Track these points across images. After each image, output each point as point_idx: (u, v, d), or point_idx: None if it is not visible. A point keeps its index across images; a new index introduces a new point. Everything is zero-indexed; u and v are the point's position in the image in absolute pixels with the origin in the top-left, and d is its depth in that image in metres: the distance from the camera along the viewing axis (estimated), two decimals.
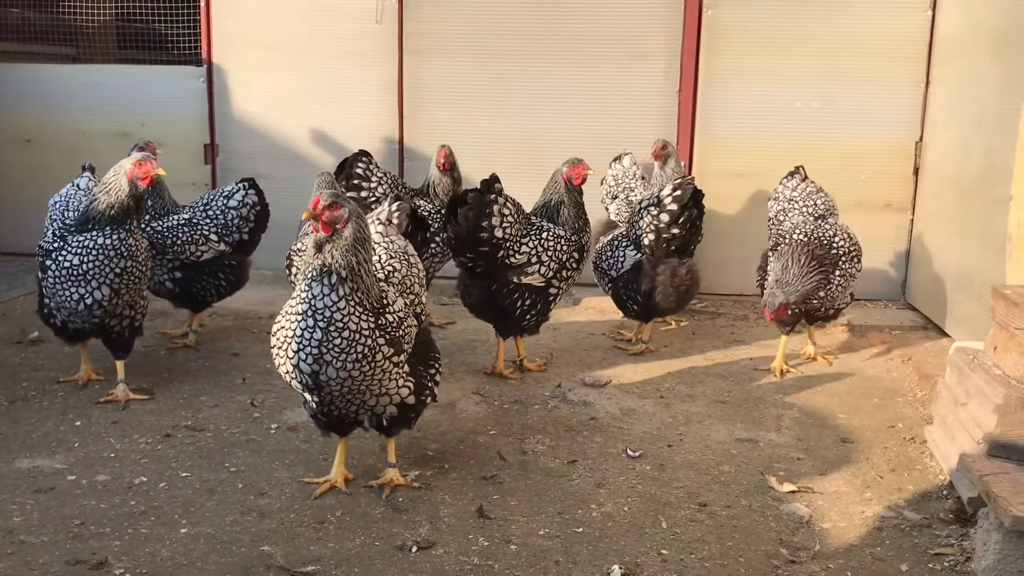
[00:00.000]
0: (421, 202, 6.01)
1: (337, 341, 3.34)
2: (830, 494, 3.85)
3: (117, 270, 4.44)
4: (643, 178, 6.36)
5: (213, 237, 5.45)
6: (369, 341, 3.39)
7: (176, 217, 5.43)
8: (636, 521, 3.59)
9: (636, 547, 3.39)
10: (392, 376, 3.56)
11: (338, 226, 3.39)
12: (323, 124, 7.38)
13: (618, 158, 6.38)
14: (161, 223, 5.39)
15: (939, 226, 6.29)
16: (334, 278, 3.35)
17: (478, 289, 5.06)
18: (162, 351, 5.52)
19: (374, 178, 5.99)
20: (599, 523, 3.57)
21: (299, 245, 4.87)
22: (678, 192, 5.39)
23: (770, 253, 5.47)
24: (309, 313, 3.34)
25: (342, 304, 3.34)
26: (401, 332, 3.57)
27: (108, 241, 4.41)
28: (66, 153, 7.51)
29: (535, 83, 7.07)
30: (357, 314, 3.37)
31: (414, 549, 3.33)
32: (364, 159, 6.02)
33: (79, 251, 4.39)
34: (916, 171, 6.77)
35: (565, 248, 5.07)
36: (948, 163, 6.19)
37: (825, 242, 5.23)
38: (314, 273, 3.36)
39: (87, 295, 4.43)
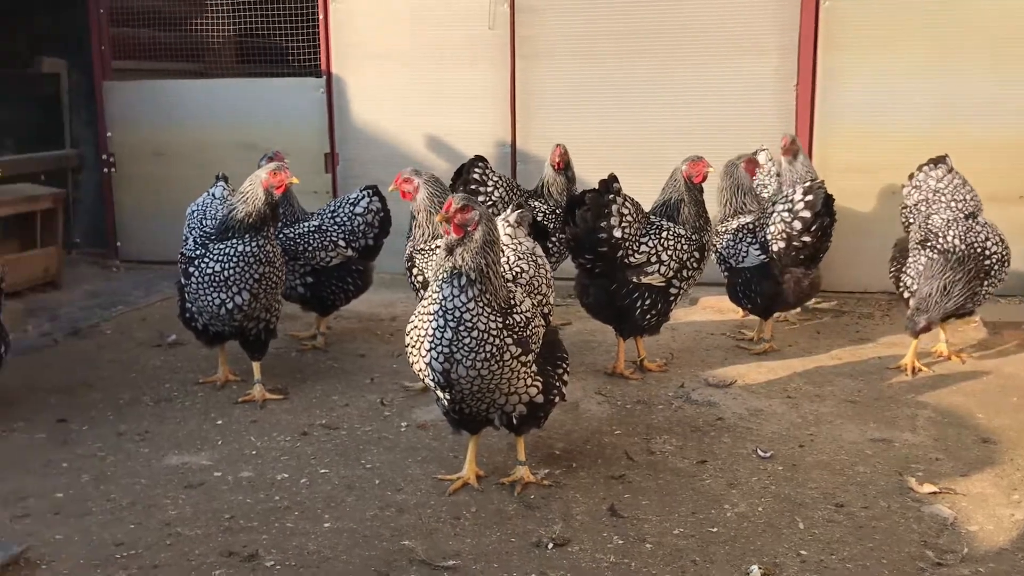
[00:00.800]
0: (536, 203, 6.07)
1: (467, 340, 3.41)
2: (974, 496, 3.72)
3: (256, 276, 4.63)
4: (777, 175, 6.26)
5: (341, 243, 5.62)
6: (497, 341, 3.45)
7: (306, 224, 5.63)
8: (771, 521, 3.54)
9: (774, 547, 3.35)
10: (520, 375, 3.61)
11: (469, 228, 3.46)
12: (437, 130, 7.52)
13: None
14: (292, 230, 5.59)
15: None
16: (463, 280, 3.42)
17: (597, 289, 5.07)
18: (292, 353, 5.72)
19: (490, 182, 6.08)
20: (734, 523, 3.54)
21: (420, 246, 4.96)
22: (810, 198, 5.25)
23: (920, 250, 5.19)
24: (440, 313, 3.43)
25: (471, 305, 3.41)
26: (528, 332, 3.61)
27: (248, 248, 4.60)
28: (194, 165, 7.85)
29: (647, 82, 7.04)
30: (486, 315, 3.43)
31: (550, 546, 3.36)
32: (480, 164, 6.11)
33: (220, 258, 4.59)
34: None
35: (686, 247, 5.04)
36: None
37: (979, 249, 5.03)
38: (445, 275, 3.44)
39: (228, 300, 4.63)
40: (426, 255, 4.78)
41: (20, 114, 7.85)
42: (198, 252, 4.70)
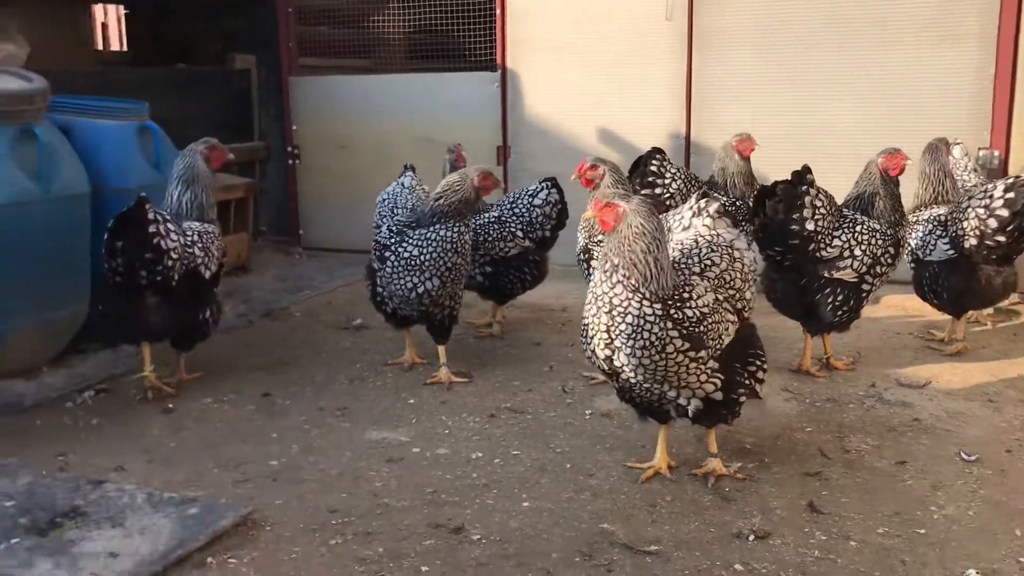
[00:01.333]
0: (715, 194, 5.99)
1: (623, 327, 3.47)
2: None
3: (449, 264, 4.80)
4: (975, 170, 5.95)
5: (519, 234, 5.72)
6: (656, 331, 3.46)
7: (487, 215, 5.77)
8: (984, 527, 3.40)
9: (989, 553, 3.22)
10: (691, 371, 3.58)
11: (616, 222, 3.53)
12: (609, 123, 7.54)
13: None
14: (473, 221, 5.74)
15: None
16: (608, 265, 3.52)
17: (785, 284, 4.98)
18: (470, 339, 5.87)
19: (668, 174, 6.04)
20: (942, 526, 3.42)
21: (598, 237, 4.99)
22: (1011, 195, 4.98)
23: None
24: (593, 299, 3.56)
25: (619, 290, 3.48)
26: (703, 328, 3.57)
27: (448, 234, 4.77)
28: (373, 157, 8.16)
29: (829, 72, 6.84)
30: (638, 301, 3.45)
31: (751, 538, 3.34)
32: (658, 156, 6.08)
33: (419, 243, 4.78)
34: None
35: (880, 242, 4.88)
36: None
37: None
38: (599, 264, 3.57)
39: (419, 284, 4.81)
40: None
41: (216, 108, 8.36)
42: (393, 240, 4.89)
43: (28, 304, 4.90)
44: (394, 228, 4.98)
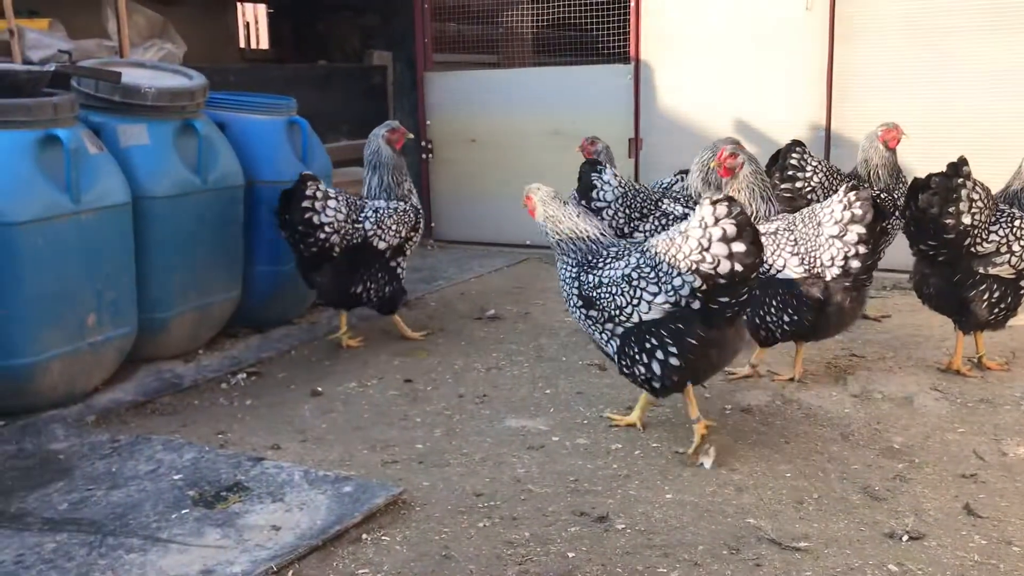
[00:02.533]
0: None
1: None
2: None
3: None
4: None
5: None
6: None
7: None
8: None
9: None
10: None
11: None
12: (745, 116, 7.42)
13: None
14: None
15: None
16: None
17: (938, 279, 4.79)
18: None
19: (808, 167, 5.89)
20: None
21: None
22: None
23: None
24: None
25: None
26: None
27: None
28: (504, 150, 8.27)
29: (981, 61, 6.53)
30: None
31: (904, 538, 3.25)
32: (798, 149, 5.93)
33: None
34: None
35: None
36: None
37: None
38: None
39: None
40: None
41: (353, 103, 8.63)
42: None
43: (188, 291, 5.19)
44: None
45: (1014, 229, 4.64)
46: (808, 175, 5.86)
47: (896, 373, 4.92)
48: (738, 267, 3.63)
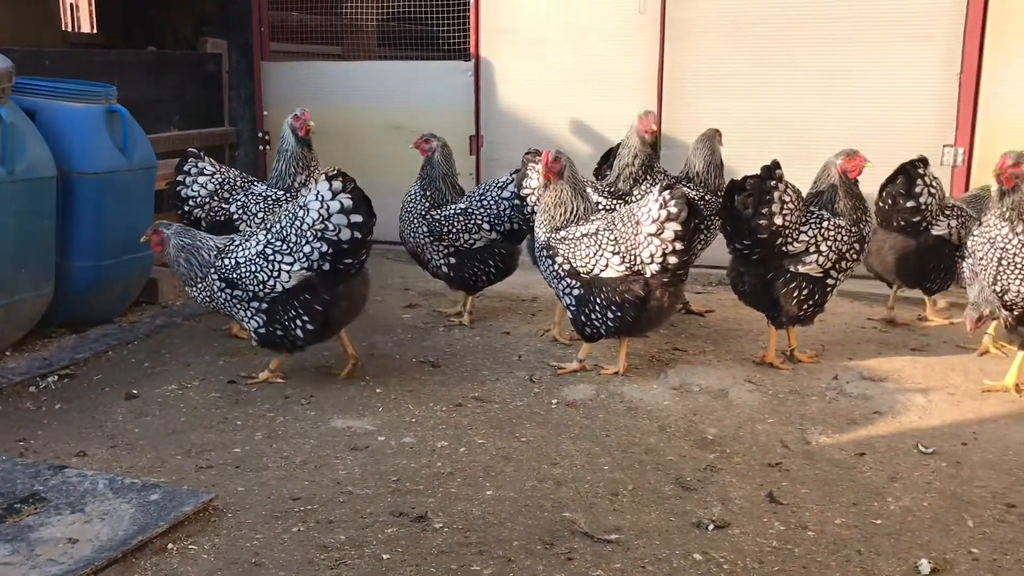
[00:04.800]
0: (687, 187, 5.99)
1: None
2: None
3: None
4: None
5: (485, 226, 5.72)
6: None
7: (453, 207, 5.76)
8: (938, 517, 3.47)
9: (942, 543, 3.28)
10: None
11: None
12: (582, 114, 7.55)
13: None
14: (439, 211, 5.76)
15: None
16: None
17: (752, 277, 5.02)
18: (440, 328, 5.87)
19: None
20: (898, 517, 3.48)
21: (562, 233, 4.96)
22: None
23: None
24: None
25: None
26: None
27: None
28: (345, 143, 8.11)
29: (800, 69, 6.89)
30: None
31: (711, 527, 3.38)
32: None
33: None
34: None
35: (846, 238, 4.94)
36: None
37: None
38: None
39: None
40: (572, 243, 4.77)
41: (185, 92, 8.28)
42: None
43: None
44: None
45: (822, 230, 4.91)
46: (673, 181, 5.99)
47: (715, 366, 5.13)
48: (357, 234, 4.37)
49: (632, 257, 4.57)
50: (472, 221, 5.72)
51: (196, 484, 3.64)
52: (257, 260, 4.51)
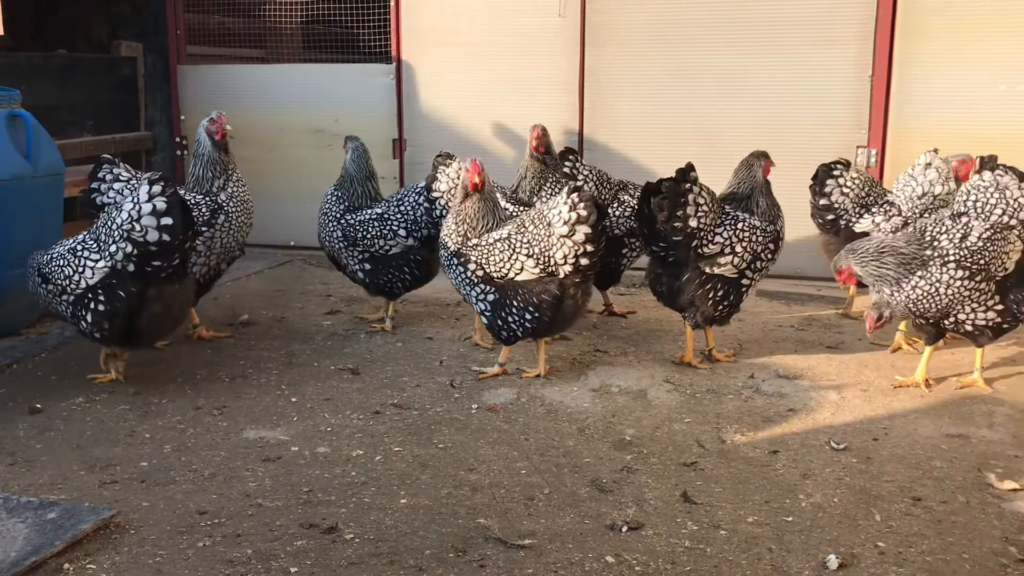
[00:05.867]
0: (627, 197, 5.99)
1: None
2: None
3: None
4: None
5: (402, 232, 5.65)
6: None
7: (370, 211, 5.69)
8: (847, 513, 3.52)
9: (850, 538, 3.33)
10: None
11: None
12: (505, 118, 7.55)
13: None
14: (355, 216, 5.68)
15: None
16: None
17: (669, 278, 5.06)
18: (362, 335, 5.79)
19: (580, 176, 6.01)
20: (809, 513, 3.52)
21: (473, 240, 4.94)
22: None
23: None
24: None
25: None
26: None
27: None
28: (266, 148, 7.99)
29: (718, 72, 6.99)
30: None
31: (624, 529, 3.38)
32: (571, 157, 6.05)
33: None
34: None
35: (760, 239, 5.01)
36: None
37: None
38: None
39: None
40: (484, 249, 4.73)
41: (99, 96, 8.05)
42: None
43: None
44: None
45: (737, 231, 4.97)
46: (579, 183, 5.99)
47: (635, 367, 5.15)
48: (165, 236, 4.42)
49: (546, 259, 4.57)
50: (388, 227, 5.65)
51: (98, 501, 3.51)
52: (66, 255, 4.59)
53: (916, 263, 4.54)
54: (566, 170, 5.95)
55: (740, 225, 4.99)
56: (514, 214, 5.26)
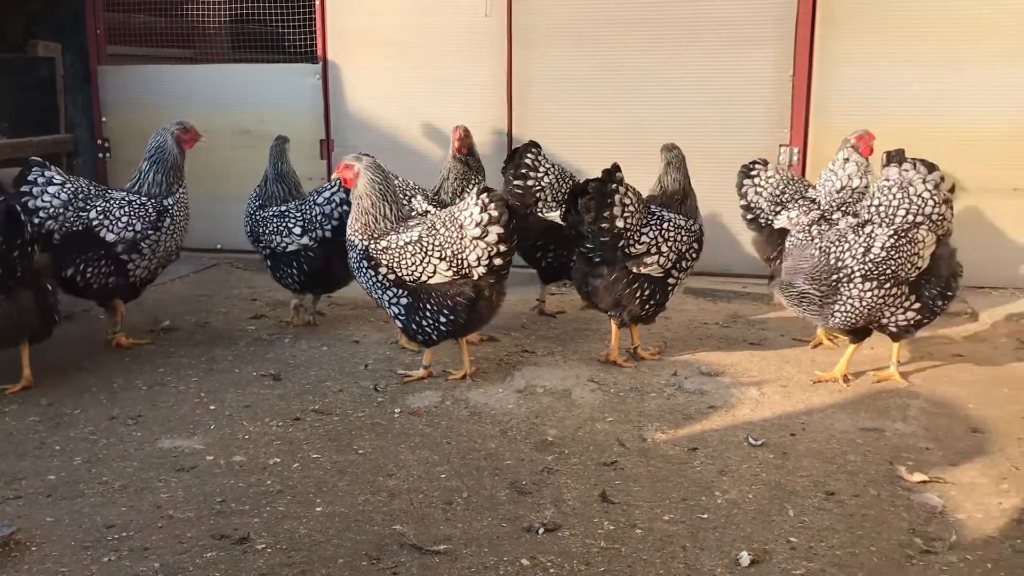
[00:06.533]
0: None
1: None
2: (963, 485, 3.74)
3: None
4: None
5: (297, 230, 5.66)
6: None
7: (276, 208, 5.79)
8: (762, 509, 3.56)
9: (763, 534, 3.37)
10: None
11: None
12: (433, 118, 7.51)
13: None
14: (262, 212, 5.83)
15: None
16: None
17: (596, 279, 5.07)
18: (286, 339, 5.71)
19: (541, 168, 6.02)
20: (724, 510, 3.55)
21: (381, 243, 4.89)
22: None
23: None
24: None
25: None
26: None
27: None
28: (191, 150, 7.80)
29: (645, 72, 7.04)
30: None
31: (541, 531, 3.37)
32: (533, 150, 6.06)
33: None
34: None
35: (685, 239, 5.05)
36: None
37: None
38: None
39: None
40: (395, 252, 4.65)
41: (16, 98, 7.81)
42: None
43: None
44: None
45: (663, 231, 5.00)
46: (540, 175, 6.00)
47: (561, 367, 5.15)
48: None
49: (459, 261, 4.55)
50: (284, 224, 5.67)
51: (1, 517, 3.40)
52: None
53: (830, 292, 4.63)
54: (528, 162, 5.96)
55: (666, 225, 5.02)
56: (422, 212, 5.27)
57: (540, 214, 5.87)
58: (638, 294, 5.04)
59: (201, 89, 7.97)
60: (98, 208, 5.25)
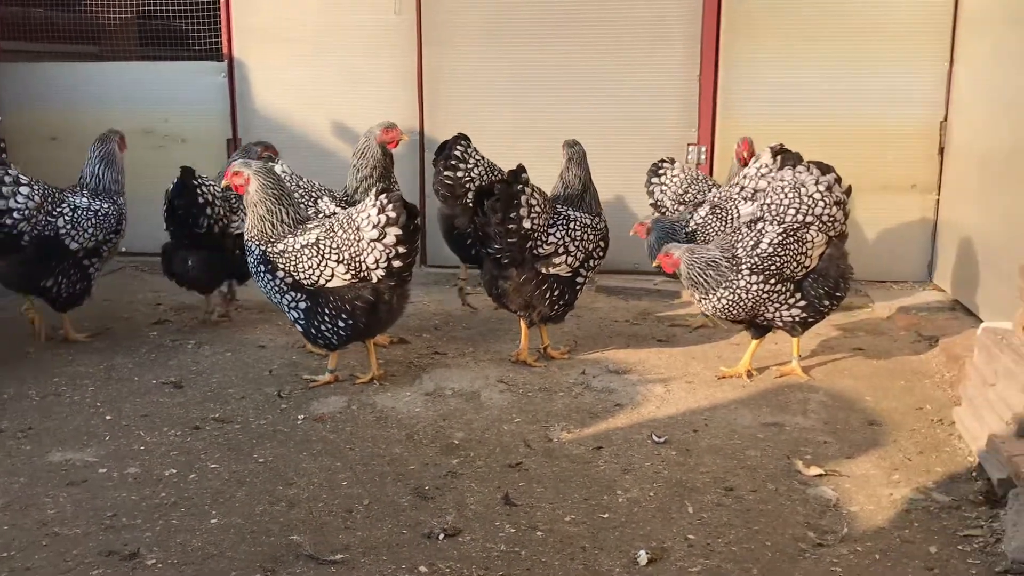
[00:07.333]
0: None
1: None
2: (857, 477, 3.83)
3: None
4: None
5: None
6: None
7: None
8: (662, 506, 3.59)
9: (662, 532, 3.40)
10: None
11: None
12: (344, 116, 7.40)
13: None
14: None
15: (965, 206, 6.22)
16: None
17: (504, 280, 5.05)
18: (189, 345, 5.57)
19: (471, 160, 6.00)
20: (625, 509, 3.57)
21: (279, 247, 4.79)
22: None
23: None
24: None
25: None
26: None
27: None
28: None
29: (555, 70, 7.05)
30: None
31: (441, 536, 3.34)
32: (463, 143, 6.04)
33: None
34: (941, 151, 6.70)
35: (592, 238, 5.07)
36: (974, 142, 6.12)
37: None
38: None
39: None
40: (292, 256, 4.55)
41: None
42: None
43: None
44: None
45: (570, 231, 5.01)
46: (470, 167, 5.97)
47: (471, 368, 5.13)
48: None
49: (357, 264, 4.49)
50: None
51: None
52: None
53: (724, 276, 4.70)
54: (457, 154, 5.93)
55: (572, 224, 5.03)
56: (329, 214, 5.20)
57: None
58: (547, 294, 5.04)
59: (102, 87, 7.71)
60: (65, 216, 5.39)
